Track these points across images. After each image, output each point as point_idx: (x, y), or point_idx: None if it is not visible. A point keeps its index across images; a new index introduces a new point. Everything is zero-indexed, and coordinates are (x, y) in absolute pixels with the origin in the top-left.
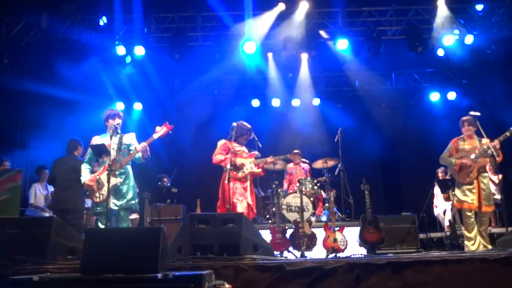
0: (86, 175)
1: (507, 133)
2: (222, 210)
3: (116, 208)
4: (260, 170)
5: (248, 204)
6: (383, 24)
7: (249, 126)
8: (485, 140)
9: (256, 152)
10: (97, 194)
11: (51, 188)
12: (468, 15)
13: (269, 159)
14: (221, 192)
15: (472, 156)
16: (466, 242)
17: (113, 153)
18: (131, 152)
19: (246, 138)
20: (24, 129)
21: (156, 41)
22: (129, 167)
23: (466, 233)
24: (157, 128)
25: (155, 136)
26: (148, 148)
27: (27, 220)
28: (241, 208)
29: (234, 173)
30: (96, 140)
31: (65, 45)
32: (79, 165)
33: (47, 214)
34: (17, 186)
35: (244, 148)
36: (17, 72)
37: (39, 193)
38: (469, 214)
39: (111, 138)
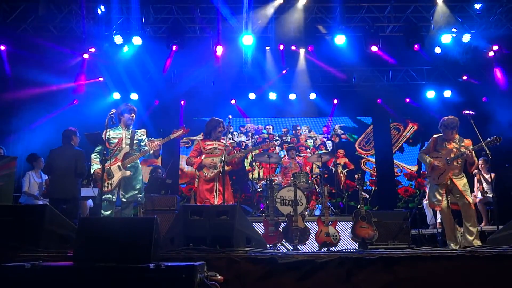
0: (96, 165)
1: (482, 144)
2: None
3: (124, 200)
4: (230, 167)
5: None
6: (381, 20)
7: (219, 119)
8: (467, 141)
9: (230, 147)
10: (105, 184)
11: (45, 176)
12: (466, 13)
13: (239, 153)
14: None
15: (447, 158)
16: (448, 241)
17: (126, 147)
18: (141, 147)
19: (220, 131)
20: (19, 117)
21: (153, 32)
22: (138, 161)
23: (448, 232)
24: (174, 130)
25: (171, 136)
26: (160, 146)
27: (21, 208)
28: None
29: (204, 174)
30: (108, 133)
31: (62, 33)
32: (77, 155)
33: (41, 202)
34: (11, 173)
35: (217, 144)
36: (14, 59)
37: (33, 181)
38: (445, 214)
39: (106, 128)
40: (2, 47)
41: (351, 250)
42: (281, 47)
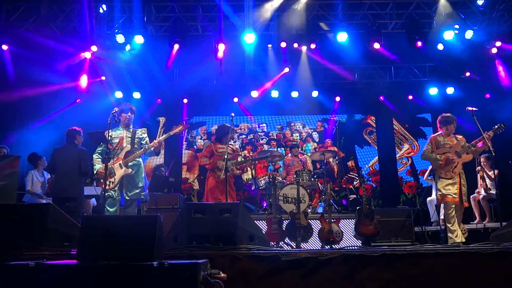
0: (98, 165)
1: (484, 136)
2: None
3: (127, 198)
4: (240, 171)
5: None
6: (384, 17)
7: (230, 126)
8: (460, 137)
9: (240, 153)
10: (107, 182)
11: (47, 175)
12: (468, 9)
13: (250, 161)
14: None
15: (456, 151)
16: (449, 234)
17: (127, 146)
18: (142, 145)
19: (230, 137)
20: (22, 116)
21: (155, 30)
22: (140, 159)
23: (448, 225)
24: (173, 127)
25: (171, 133)
26: (162, 144)
27: (24, 207)
28: None
29: (218, 175)
30: (110, 133)
31: (64, 32)
32: (81, 154)
33: (44, 201)
34: (14, 172)
35: (227, 149)
36: (16, 58)
37: (36, 180)
38: (452, 207)
39: (108, 127)
40: (5, 47)
41: (354, 247)
42: (283, 44)
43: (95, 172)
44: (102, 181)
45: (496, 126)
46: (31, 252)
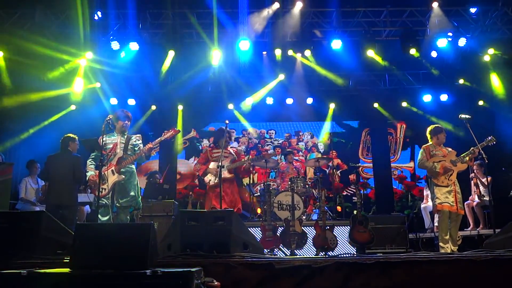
0: (90, 171)
1: (479, 148)
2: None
3: (118, 205)
4: (232, 175)
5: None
6: (378, 25)
7: (225, 129)
8: (450, 149)
9: (234, 156)
10: (100, 189)
11: (41, 182)
12: (461, 17)
13: (245, 163)
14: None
15: (452, 160)
16: (441, 244)
17: (120, 152)
18: (136, 152)
19: (226, 141)
20: (17, 123)
21: (150, 37)
22: (133, 166)
23: (442, 235)
24: (165, 131)
25: (162, 138)
26: (153, 149)
27: (17, 214)
28: None
29: (209, 179)
30: (104, 139)
31: (59, 39)
32: (74, 161)
33: (37, 208)
34: (7, 179)
35: (224, 152)
36: (10, 65)
37: (30, 187)
38: (447, 216)
39: (102, 133)
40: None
41: (348, 255)
42: (278, 51)
43: (87, 179)
44: (94, 187)
45: (489, 138)
46: (24, 260)
